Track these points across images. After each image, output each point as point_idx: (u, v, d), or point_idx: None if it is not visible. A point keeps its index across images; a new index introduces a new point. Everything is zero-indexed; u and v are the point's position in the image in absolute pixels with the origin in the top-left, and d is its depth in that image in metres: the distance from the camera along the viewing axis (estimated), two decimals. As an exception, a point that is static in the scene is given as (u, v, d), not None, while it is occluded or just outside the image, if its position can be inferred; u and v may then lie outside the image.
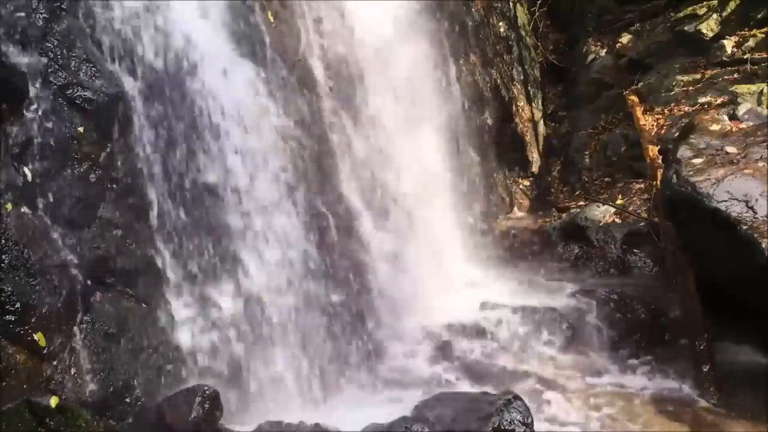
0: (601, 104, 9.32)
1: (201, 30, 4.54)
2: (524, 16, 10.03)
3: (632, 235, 7.04)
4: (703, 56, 8.56)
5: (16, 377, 3.19)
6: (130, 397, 3.70)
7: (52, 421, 2.93)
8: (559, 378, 5.29)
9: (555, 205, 8.60)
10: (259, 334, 4.56)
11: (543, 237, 7.81)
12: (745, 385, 4.89)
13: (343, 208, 5.82)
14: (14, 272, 3.27)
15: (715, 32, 8.58)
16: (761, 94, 7.22)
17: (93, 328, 3.63)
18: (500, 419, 3.72)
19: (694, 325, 5.29)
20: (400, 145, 6.79)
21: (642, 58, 9.25)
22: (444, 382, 5.10)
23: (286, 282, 4.82)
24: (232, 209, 4.54)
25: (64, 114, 3.69)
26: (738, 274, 4.91)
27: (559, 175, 9.18)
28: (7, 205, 3.34)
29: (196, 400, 3.70)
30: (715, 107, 7.19)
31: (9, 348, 3.19)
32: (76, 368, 3.48)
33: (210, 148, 4.45)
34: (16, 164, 3.46)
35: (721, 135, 5.61)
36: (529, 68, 9.86)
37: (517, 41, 9.74)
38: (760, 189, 4.85)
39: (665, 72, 8.69)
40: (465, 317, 6.02)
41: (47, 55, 3.66)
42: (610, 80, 9.41)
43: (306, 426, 3.89)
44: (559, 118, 9.97)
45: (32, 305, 3.31)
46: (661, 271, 6.53)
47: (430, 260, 6.79)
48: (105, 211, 3.85)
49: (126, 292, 3.90)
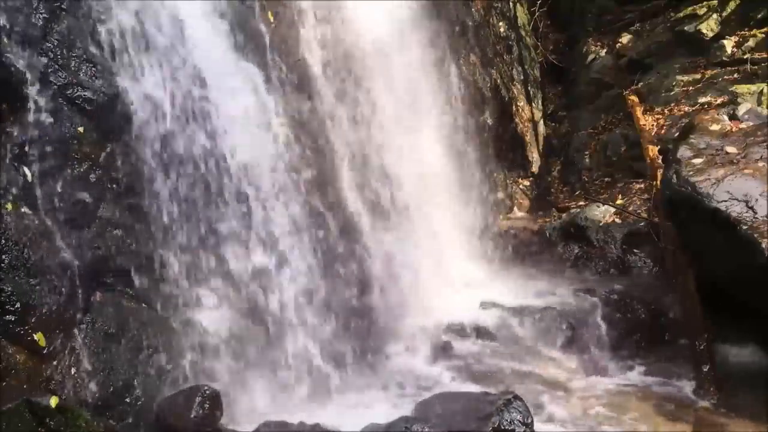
0: (601, 104, 9.31)
1: (201, 30, 4.54)
2: (524, 16, 10.02)
3: (632, 235, 7.03)
4: (703, 56, 8.54)
5: (16, 377, 3.19)
6: (130, 397, 3.70)
7: (52, 421, 2.93)
8: (559, 378, 5.28)
9: (555, 205, 8.59)
10: (258, 334, 4.56)
11: (543, 237, 7.80)
12: (745, 385, 4.89)
13: (343, 208, 5.82)
14: (14, 272, 3.28)
15: (715, 32, 8.57)
16: (761, 94, 7.21)
17: (93, 328, 3.64)
18: (500, 419, 3.72)
19: (694, 325, 5.29)
20: (400, 145, 6.79)
21: (642, 58, 9.23)
22: (444, 382, 5.09)
23: (286, 282, 4.82)
24: (232, 209, 4.54)
25: (64, 114, 3.70)
26: (738, 274, 4.91)
27: (559, 175, 9.17)
28: (7, 205, 3.35)
29: (196, 400, 3.70)
30: (715, 107, 7.18)
31: (9, 348, 3.20)
32: (76, 368, 3.48)
33: (210, 148, 4.45)
34: (16, 164, 3.46)
35: (721, 135, 5.61)
36: (529, 68, 9.85)
37: (517, 41, 9.73)
38: (760, 189, 4.85)
39: (665, 72, 8.68)
40: (465, 317, 6.02)
41: (47, 55, 3.66)
42: (610, 80, 9.40)
43: (306, 426, 3.88)
44: (559, 118, 9.96)
45: (32, 305, 3.31)
46: (661, 271, 6.52)
47: (429, 260, 6.78)
48: (105, 211, 3.86)
49: (126, 292, 3.90)
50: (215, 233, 4.44)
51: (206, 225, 4.39)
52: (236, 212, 4.57)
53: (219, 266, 4.44)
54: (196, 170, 4.36)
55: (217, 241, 4.44)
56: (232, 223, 4.54)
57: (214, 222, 4.44)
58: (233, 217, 4.56)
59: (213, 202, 4.45)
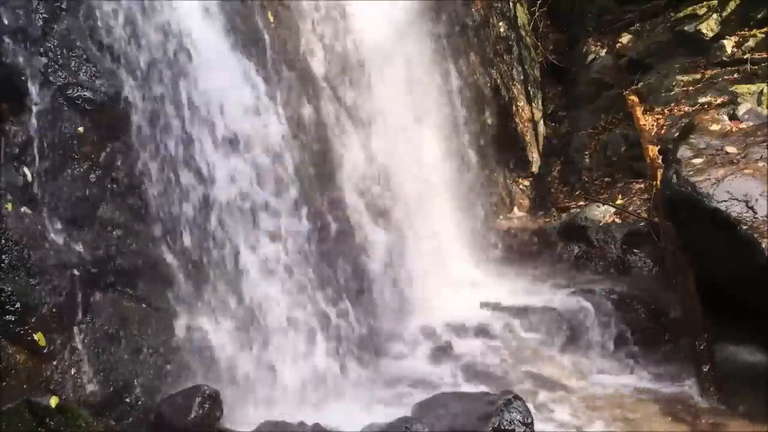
0: (601, 104, 9.31)
1: (201, 30, 4.54)
2: (524, 16, 10.02)
3: (632, 235, 7.04)
4: (703, 56, 8.54)
5: (16, 377, 3.19)
6: (130, 397, 3.70)
7: (52, 421, 2.93)
8: (559, 378, 5.29)
9: (555, 205, 8.59)
10: (258, 335, 4.56)
11: (543, 237, 7.81)
12: (745, 385, 4.89)
13: (343, 208, 5.82)
14: (14, 272, 3.27)
15: (715, 32, 8.57)
16: (761, 94, 7.21)
17: (93, 328, 3.63)
18: (500, 419, 3.72)
19: (694, 325, 5.29)
20: (400, 145, 6.79)
21: (642, 58, 9.24)
22: (444, 382, 5.09)
23: (286, 282, 4.82)
24: (231, 209, 4.54)
25: (64, 114, 3.69)
26: (738, 274, 4.91)
27: (559, 175, 9.17)
28: (7, 205, 3.34)
29: (196, 400, 3.70)
30: (715, 107, 7.19)
31: (9, 348, 3.20)
32: (76, 368, 3.48)
33: (210, 148, 4.45)
34: (16, 164, 3.46)
35: (721, 135, 5.62)
36: (529, 68, 9.85)
37: (517, 41, 9.73)
38: (760, 189, 4.85)
39: (665, 72, 8.68)
40: (465, 317, 6.02)
41: (47, 55, 3.66)
42: (610, 80, 9.40)
43: (306, 426, 3.88)
44: (559, 118, 9.96)
45: (32, 305, 3.31)
46: (661, 271, 6.52)
47: (430, 260, 6.79)
48: (105, 211, 3.85)
49: (126, 292, 3.90)
50: (215, 233, 4.43)
51: (206, 225, 4.39)
52: (236, 212, 4.57)
53: (219, 266, 4.44)
54: (196, 170, 4.36)
55: (218, 241, 4.44)
56: (232, 223, 4.54)
57: (214, 222, 4.43)
58: (233, 216, 4.55)
59: (213, 202, 4.44)
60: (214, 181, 4.45)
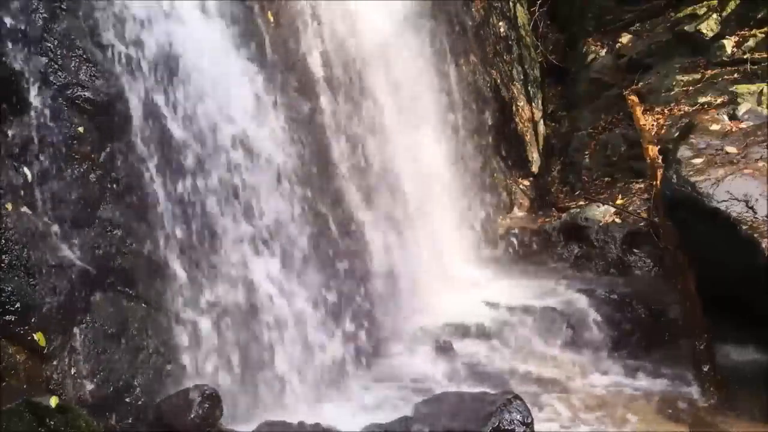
0: (601, 104, 9.30)
1: (201, 30, 4.54)
2: (524, 16, 10.02)
3: (632, 235, 7.04)
4: (703, 56, 8.53)
5: (16, 377, 3.19)
6: (130, 397, 3.70)
7: (52, 421, 2.92)
8: (559, 378, 5.29)
9: (555, 205, 8.59)
10: (259, 335, 4.56)
11: (543, 237, 7.82)
12: (745, 385, 4.90)
13: (343, 208, 5.82)
14: (14, 272, 3.28)
15: (715, 32, 8.56)
16: (761, 94, 7.20)
17: (93, 328, 3.63)
18: (500, 419, 3.72)
19: (694, 325, 5.29)
20: (400, 145, 6.79)
21: (642, 58, 9.22)
22: (444, 382, 5.09)
23: (286, 282, 4.82)
24: (232, 209, 4.54)
25: (64, 114, 3.69)
26: (738, 274, 4.91)
27: (559, 175, 9.17)
28: (7, 205, 3.34)
29: (196, 400, 3.70)
30: (715, 107, 7.18)
31: (9, 348, 3.20)
32: (76, 368, 3.48)
33: (210, 148, 4.45)
34: (16, 164, 3.46)
35: (721, 135, 5.62)
36: (529, 68, 9.85)
37: (517, 41, 9.73)
38: (760, 189, 4.85)
39: (665, 72, 8.67)
40: (465, 317, 6.02)
41: (47, 55, 3.66)
42: (610, 80, 9.39)
43: (306, 426, 3.89)
44: (559, 118, 9.95)
45: (32, 305, 3.31)
46: (661, 271, 6.53)
47: (430, 260, 6.79)
48: (105, 211, 3.85)
49: (126, 292, 3.90)
50: (215, 233, 4.43)
51: (206, 225, 4.39)
52: (236, 212, 4.57)
53: (219, 266, 4.44)
54: (196, 170, 4.36)
55: (218, 241, 4.44)
56: (233, 223, 4.54)
57: (215, 222, 4.44)
58: (234, 217, 4.55)
59: (213, 202, 4.44)
60: (215, 181, 4.45)
